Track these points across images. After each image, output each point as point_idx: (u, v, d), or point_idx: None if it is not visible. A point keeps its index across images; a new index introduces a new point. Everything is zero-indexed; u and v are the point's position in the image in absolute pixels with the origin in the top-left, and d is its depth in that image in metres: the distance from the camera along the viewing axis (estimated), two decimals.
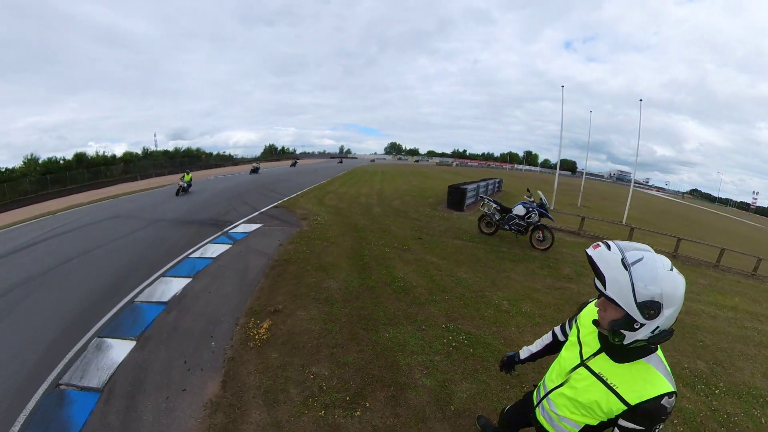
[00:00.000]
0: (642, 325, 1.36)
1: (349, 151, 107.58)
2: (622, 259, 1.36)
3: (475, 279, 6.46)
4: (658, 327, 1.36)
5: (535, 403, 1.99)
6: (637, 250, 1.39)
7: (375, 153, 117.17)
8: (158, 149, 55.07)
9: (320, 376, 3.75)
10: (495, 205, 9.96)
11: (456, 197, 13.84)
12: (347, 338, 4.41)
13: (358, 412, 3.31)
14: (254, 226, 10.03)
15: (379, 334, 4.52)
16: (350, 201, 14.65)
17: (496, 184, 23.45)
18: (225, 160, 58.14)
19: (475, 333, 4.61)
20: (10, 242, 10.87)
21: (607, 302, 1.43)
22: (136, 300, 5.93)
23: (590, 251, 1.43)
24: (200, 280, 6.45)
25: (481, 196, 11.77)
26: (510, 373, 2.34)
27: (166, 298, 5.89)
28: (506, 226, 9.48)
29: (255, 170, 32.26)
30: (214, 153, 63.22)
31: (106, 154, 45.06)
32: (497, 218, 9.76)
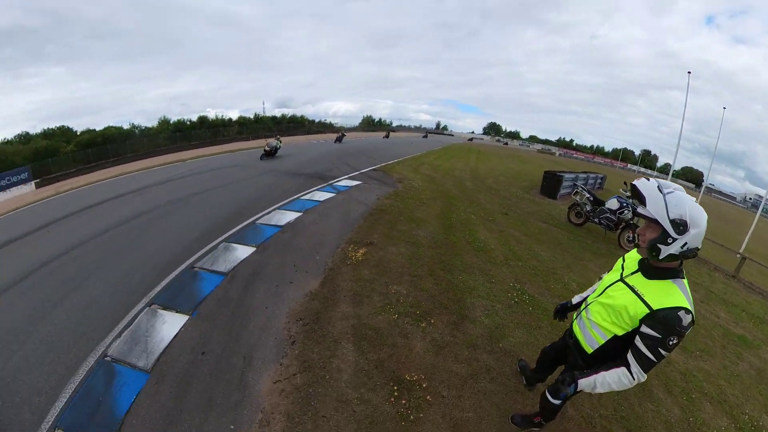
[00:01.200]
0: (674, 240, 1.68)
1: (445, 128, 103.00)
2: (658, 187, 1.71)
3: (551, 258, 6.46)
4: (686, 243, 1.67)
5: (575, 317, 2.34)
6: (670, 185, 1.73)
7: (473, 132, 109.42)
8: (266, 115, 61.42)
9: (400, 293, 4.51)
10: (588, 195, 9.25)
11: (551, 183, 13.04)
12: (426, 273, 5.07)
13: (423, 324, 3.97)
14: (355, 183, 11.29)
15: (453, 276, 5.08)
16: (444, 173, 15.05)
17: (599, 180, 19.48)
18: (326, 128, 62.47)
19: (537, 297, 4.85)
20: (153, 177, 14.30)
21: (647, 226, 1.77)
22: (257, 222, 7.65)
23: (635, 182, 1.79)
24: (309, 215, 7.90)
25: (575, 184, 10.88)
26: (562, 319, 2.68)
27: (281, 223, 7.44)
28: (596, 219, 8.76)
29: (339, 139, 31.43)
30: (316, 120, 67.53)
31: (223, 117, 52.77)
32: (588, 209, 9.07)
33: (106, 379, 3.67)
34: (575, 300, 2.62)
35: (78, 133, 41.33)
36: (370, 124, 78.83)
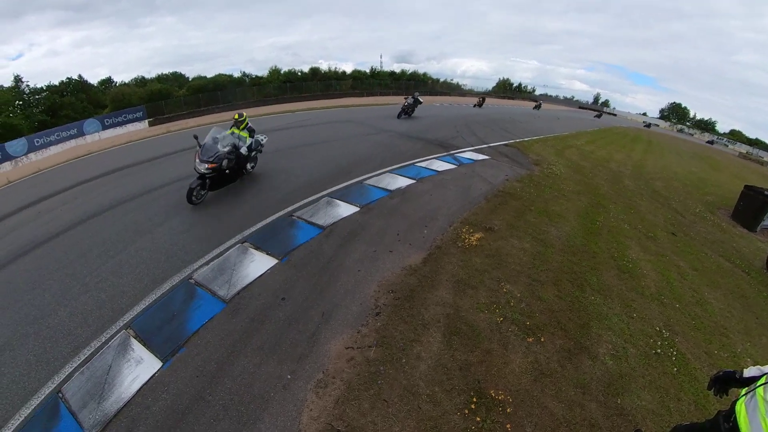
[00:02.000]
0: None
1: (606, 104, 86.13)
2: None
3: (725, 312, 5.16)
4: None
5: (742, 395, 1.88)
6: None
7: (645, 114, 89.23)
8: (383, 70, 61.39)
9: (512, 294, 4.29)
10: None
11: (752, 206, 10.07)
12: (550, 280, 4.69)
13: (530, 340, 3.71)
14: (481, 157, 10.97)
15: (583, 294, 4.57)
16: (596, 162, 13.43)
17: None
18: (451, 89, 60.83)
19: (688, 357, 3.96)
20: (262, 125, 16.10)
21: None
22: (365, 182, 8.15)
23: None
24: (423, 184, 8.07)
25: None
26: (720, 395, 2.18)
27: (391, 187, 7.78)
28: None
29: (480, 104, 33.51)
30: (441, 80, 65.43)
31: (336, 70, 55.06)
32: None
33: (186, 298, 4.49)
34: (750, 373, 2.07)
35: (190, 79, 49.51)
36: (506, 89, 72.90)
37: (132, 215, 7.43)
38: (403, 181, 8.16)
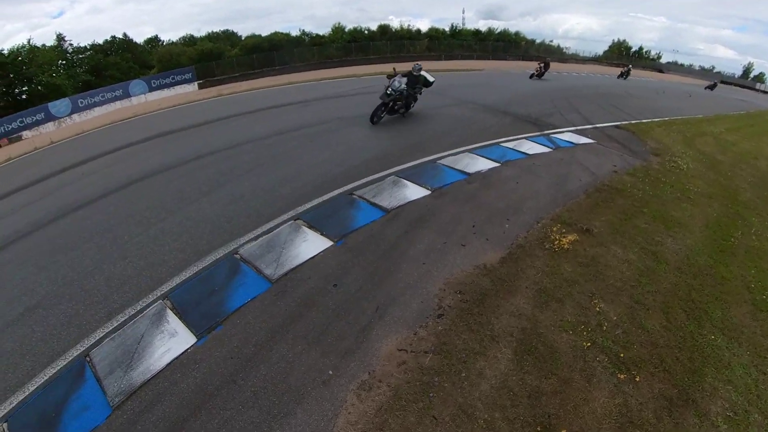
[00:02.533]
0: None
1: (760, 78, 70.77)
2: None
3: None
4: None
5: None
6: None
7: None
8: (466, 28, 57.51)
9: (606, 315, 3.91)
10: None
11: None
12: (658, 305, 4.20)
13: (622, 376, 3.35)
14: (583, 140, 10.17)
15: (701, 330, 4.01)
16: (738, 157, 11.76)
17: None
18: (550, 53, 55.94)
19: None
20: (323, 90, 16.19)
21: None
22: (438, 161, 7.96)
23: None
24: (508, 169, 7.71)
25: None
26: None
27: (469, 170, 7.53)
28: None
29: (624, 74, 32.87)
30: (537, 41, 59.62)
31: (409, 27, 52.42)
32: None
33: (229, 274, 4.69)
34: None
35: (243, 38, 50.20)
36: (621, 54, 64.96)
37: (177, 182, 7.99)
38: (484, 164, 7.86)
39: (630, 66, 33.49)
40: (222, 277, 4.64)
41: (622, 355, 3.57)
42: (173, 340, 3.83)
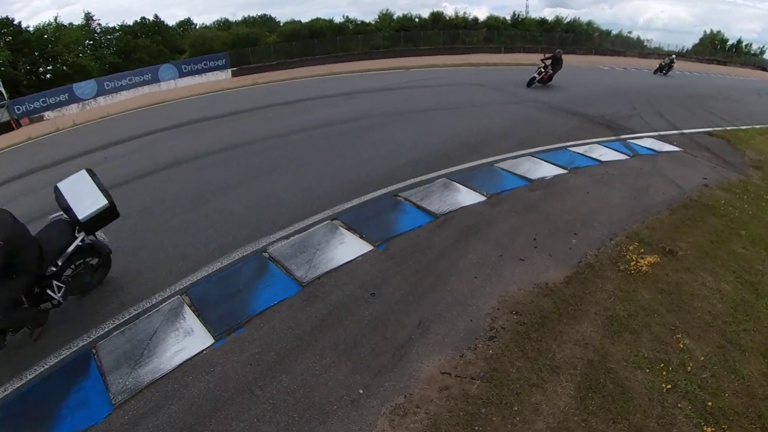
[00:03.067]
0: None
1: None
2: None
3: None
4: None
5: None
6: None
7: None
8: (530, 16, 56.24)
9: (692, 354, 3.68)
10: None
11: None
12: (756, 347, 3.90)
13: (709, 430, 3.10)
14: (667, 147, 9.76)
15: None
16: None
17: None
18: (629, 47, 53.06)
19: None
20: (368, 82, 16.28)
21: None
22: (496, 165, 7.87)
23: None
24: (578, 177, 7.54)
25: None
26: None
27: (531, 175, 7.40)
28: None
29: (663, 68, 30.02)
30: (612, 32, 57.20)
31: (465, 16, 51.29)
32: None
33: (256, 272, 4.76)
34: None
35: (281, 24, 51.36)
36: (715, 48, 60.67)
37: (205, 173, 8.27)
38: (548, 169, 7.70)
39: (674, 56, 31.58)
40: (247, 276, 4.73)
41: (709, 403, 3.32)
42: (188, 339, 3.89)
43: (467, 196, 6.48)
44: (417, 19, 49.95)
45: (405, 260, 4.88)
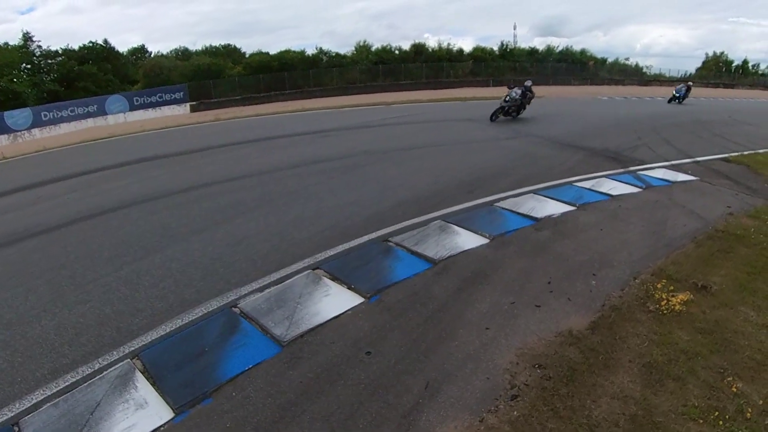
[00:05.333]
0: None
1: None
2: None
3: None
4: None
5: None
6: None
7: None
8: (520, 47, 59.31)
9: (748, 398, 3.64)
10: None
11: None
12: None
13: None
14: (682, 177, 10.13)
15: None
16: None
17: None
18: (627, 75, 56.17)
19: None
20: (346, 119, 16.79)
21: None
22: (496, 204, 8.05)
23: None
24: (588, 213, 7.74)
25: None
26: None
27: (536, 214, 7.57)
28: None
29: (678, 96, 30.64)
30: (609, 60, 60.93)
31: (449, 47, 53.73)
32: None
33: (224, 331, 4.60)
34: None
35: (247, 55, 52.24)
36: (720, 72, 64.23)
37: (161, 216, 8.24)
38: (555, 207, 7.88)
39: (690, 83, 32.48)
40: (214, 335, 4.56)
41: None
42: (141, 413, 3.61)
43: (468, 239, 6.54)
44: (397, 52, 51.95)
45: (403, 313, 4.81)
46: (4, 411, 3.72)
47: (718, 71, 62.07)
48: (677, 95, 30.05)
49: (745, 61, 65.99)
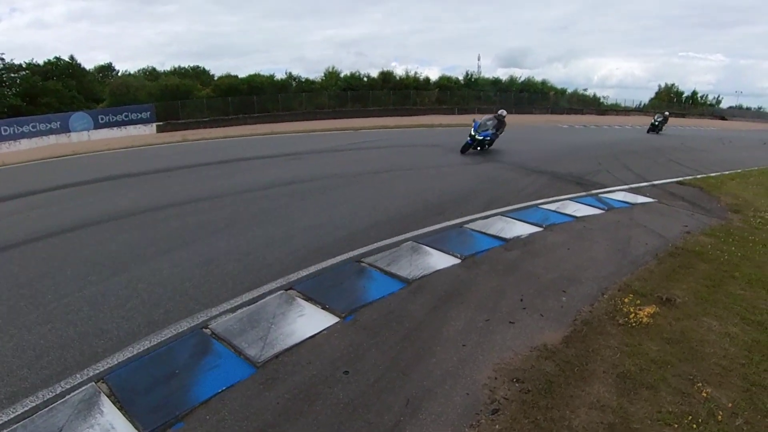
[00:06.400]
0: None
1: None
2: None
3: None
4: None
5: None
6: None
7: None
8: (484, 77, 60.72)
9: (718, 402, 3.75)
10: None
11: None
12: None
13: None
14: (641, 199, 10.55)
15: None
16: None
17: None
18: (586, 104, 58.27)
19: None
20: (314, 143, 17.05)
21: None
22: (466, 226, 8.19)
23: None
24: (555, 234, 7.96)
25: None
26: None
27: (505, 235, 7.72)
28: None
29: (657, 126, 31.97)
30: (569, 90, 63.44)
31: (416, 75, 54.41)
32: None
33: (196, 352, 4.48)
34: None
35: (216, 77, 52.00)
36: (671, 102, 67.30)
37: (126, 235, 8.06)
38: (523, 228, 8.07)
39: (666, 114, 33.57)
40: (185, 357, 4.41)
41: None
42: None
43: (439, 260, 6.59)
44: (365, 79, 52.37)
45: (379, 331, 4.79)
46: None
47: (670, 101, 65.26)
48: (656, 124, 31.01)
49: (695, 92, 70.08)
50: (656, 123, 31.02)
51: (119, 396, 3.86)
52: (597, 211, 9.39)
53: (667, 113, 33.46)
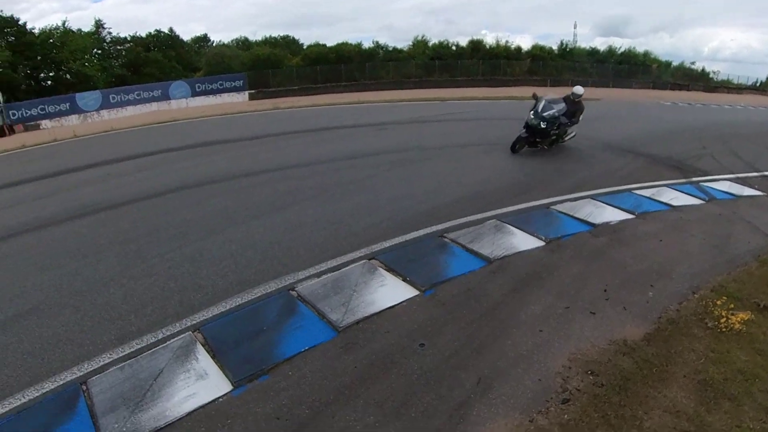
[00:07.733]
0: None
1: None
2: None
3: None
4: None
5: None
6: None
7: None
8: (580, 47, 57.05)
9: None
10: None
11: None
12: None
13: None
14: (748, 191, 9.73)
15: None
16: None
17: None
18: (692, 80, 52.63)
19: None
20: (400, 113, 16.81)
21: None
22: (552, 207, 8.00)
23: None
24: (647, 223, 7.61)
25: None
26: None
27: (593, 219, 7.49)
28: None
29: None
30: (673, 63, 56.89)
31: (507, 44, 51.88)
32: None
33: (282, 312, 4.80)
34: None
35: (305, 47, 53.22)
36: None
37: (221, 199, 8.58)
38: (612, 213, 7.76)
39: None
40: (272, 316, 4.77)
41: None
42: (201, 383, 3.81)
43: (523, 240, 6.55)
44: (454, 47, 50.93)
45: (457, 308, 4.90)
46: (74, 370, 4.03)
47: None
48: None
49: None
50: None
51: (212, 346, 4.29)
52: (696, 201, 8.82)
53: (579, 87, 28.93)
